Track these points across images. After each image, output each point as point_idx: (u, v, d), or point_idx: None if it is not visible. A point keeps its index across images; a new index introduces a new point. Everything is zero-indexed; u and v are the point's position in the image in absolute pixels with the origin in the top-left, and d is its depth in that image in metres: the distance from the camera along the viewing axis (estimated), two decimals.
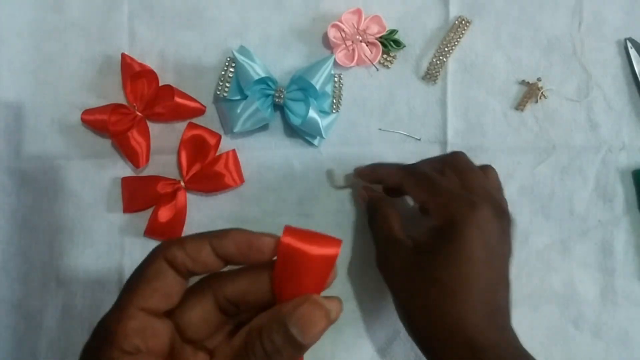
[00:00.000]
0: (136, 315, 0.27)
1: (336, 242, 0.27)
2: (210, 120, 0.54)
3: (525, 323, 0.54)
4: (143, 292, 0.27)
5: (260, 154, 0.54)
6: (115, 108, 0.52)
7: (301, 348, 0.25)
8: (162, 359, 0.27)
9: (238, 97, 0.52)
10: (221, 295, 0.29)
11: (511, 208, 0.42)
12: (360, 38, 0.54)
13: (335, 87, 0.53)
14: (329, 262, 0.27)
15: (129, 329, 0.26)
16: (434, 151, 0.54)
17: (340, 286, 0.54)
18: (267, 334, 0.25)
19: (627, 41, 0.55)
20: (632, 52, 0.55)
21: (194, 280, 0.30)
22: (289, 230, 0.27)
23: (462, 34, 0.55)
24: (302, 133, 0.54)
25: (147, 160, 0.53)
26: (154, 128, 0.54)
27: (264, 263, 0.29)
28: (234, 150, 0.53)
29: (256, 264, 0.29)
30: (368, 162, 0.54)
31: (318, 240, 0.27)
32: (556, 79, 0.55)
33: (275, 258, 0.28)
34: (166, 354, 0.28)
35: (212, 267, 0.28)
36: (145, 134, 0.53)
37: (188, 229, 0.53)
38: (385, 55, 0.55)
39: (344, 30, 0.53)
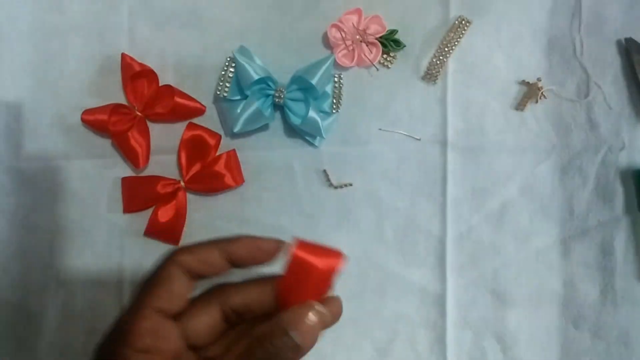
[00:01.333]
0: (150, 316, 0.28)
1: (339, 254, 0.30)
2: (210, 120, 0.54)
3: (526, 323, 0.54)
4: (157, 294, 0.29)
5: (260, 154, 0.54)
6: (115, 108, 0.52)
7: (300, 351, 0.27)
8: None
9: (238, 97, 0.52)
10: (227, 305, 0.30)
11: (511, 208, 0.42)
12: (360, 38, 0.54)
13: (335, 87, 0.53)
14: (332, 274, 0.30)
15: (143, 328, 0.28)
16: (434, 151, 0.54)
17: (340, 286, 0.53)
18: (269, 339, 0.27)
19: (627, 41, 0.55)
20: (632, 52, 0.55)
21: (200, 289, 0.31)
22: (300, 243, 0.30)
23: (462, 34, 0.55)
24: (302, 133, 0.54)
25: (147, 160, 0.53)
26: (154, 128, 0.54)
27: (268, 276, 0.31)
28: (234, 150, 0.53)
29: (262, 277, 0.31)
30: (368, 161, 0.54)
31: (324, 253, 0.30)
32: (556, 79, 0.55)
33: (280, 270, 0.30)
34: (173, 357, 0.29)
35: (219, 270, 0.30)
36: (145, 134, 0.53)
37: (188, 229, 0.53)
38: (385, 55, 0.55)
39: (344, 30, 0.53)
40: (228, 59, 0.52)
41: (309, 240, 0.30)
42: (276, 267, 0.31)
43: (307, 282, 0.29)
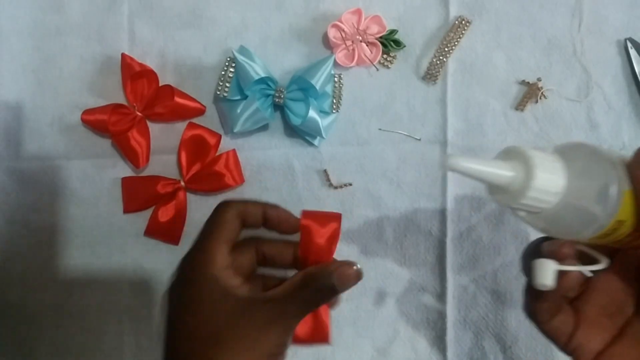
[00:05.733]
0: (225, 243, 0.36)
1: (336, 217, 0.38)
2: (210, 120, 0.54)
3: (526, 323, 0.54)
4: (224, 229, 0.36)
5: (260, 154, 0.54)
6: (115, 108, 0.52)
7: (336, 293, 0.35)
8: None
9: (238, 97, 0.52)
10: (260, 250, 0.39)
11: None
12: (360, 38, 0.54)
13: (335, 87, 0.53)
14: (336, 233, 0.38)
15: (222, 252, 0.35)
16: (434, 151, 0.54)
17: None
18: (317, 279, 0.35)
19: (627, 41, 0.55)
20: (632, 52, 0.55)
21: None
22: (305, 213, 0.38)
23: (462, 34, 0.55)
24: (302, 133, 0.54)
25: (147, 160, 0.53)
26: (154, 128, 0.54)
27: (291, 240, 0.39)
28: (234, 150, 0.53)
29: (286, 239, 0.39)
30: (368, 162, 0.54)
31: (325, 218, 0.38)
32: (556, 79, 0.55)
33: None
34: (249, 272, 0.38)
35: (256, 224, 0.38)
36: (145, 134, 0.53)
37: (188, 229, 0.53)
38: (385, 55, 0.55)
39: (344, 30, 0.53)
40: (228, 59, 0.52)
41: (313, 210, 0.39)
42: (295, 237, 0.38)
43: (317, 240, 0.38)
